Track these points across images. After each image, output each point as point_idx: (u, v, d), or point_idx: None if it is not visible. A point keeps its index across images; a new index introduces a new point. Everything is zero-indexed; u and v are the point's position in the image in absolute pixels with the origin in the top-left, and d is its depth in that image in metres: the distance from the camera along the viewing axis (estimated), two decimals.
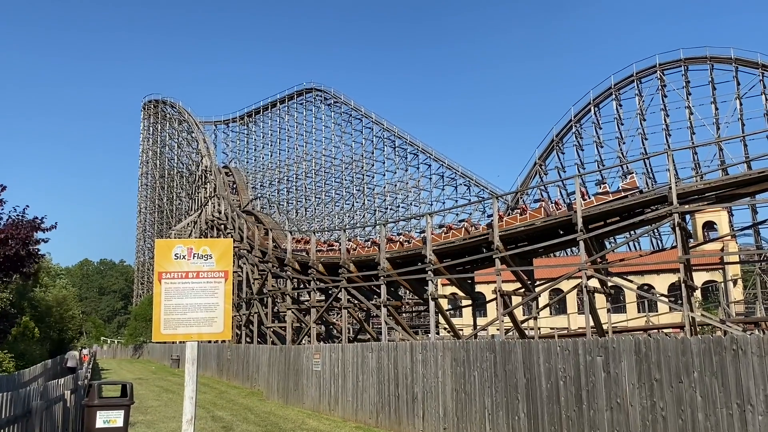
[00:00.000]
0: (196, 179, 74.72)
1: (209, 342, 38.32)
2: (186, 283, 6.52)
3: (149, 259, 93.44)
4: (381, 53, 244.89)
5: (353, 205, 76.31)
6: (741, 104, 52.52)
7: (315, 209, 78.93)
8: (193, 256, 6.60)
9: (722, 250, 39.44)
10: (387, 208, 73.31)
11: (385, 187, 74.24)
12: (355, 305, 33.07)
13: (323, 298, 37.82)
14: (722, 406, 7.93)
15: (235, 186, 67.33)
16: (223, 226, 51.80)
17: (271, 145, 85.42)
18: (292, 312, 36.65)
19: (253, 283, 42.28)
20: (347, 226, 65.55)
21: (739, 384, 7.77)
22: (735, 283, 44.79)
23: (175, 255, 6.57)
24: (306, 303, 37.50)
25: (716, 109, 53.75)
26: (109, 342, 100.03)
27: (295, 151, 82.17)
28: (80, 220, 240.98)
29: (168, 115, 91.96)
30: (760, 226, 45.98)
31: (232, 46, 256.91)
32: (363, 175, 75.98)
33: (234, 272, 44.86)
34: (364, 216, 74.35)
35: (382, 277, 28.62)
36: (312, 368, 19.17)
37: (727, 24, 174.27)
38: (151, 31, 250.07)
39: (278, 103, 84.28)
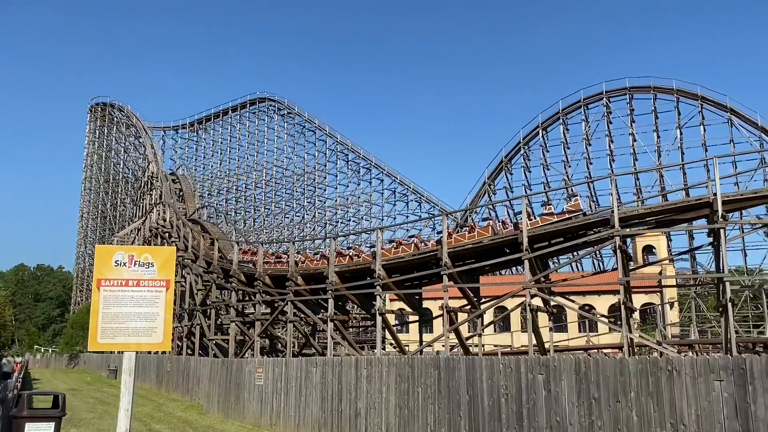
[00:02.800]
0: (142, 185, 72.98)
1: (149, 353, 37.25)
2: (126, 291, 6.34)
3: (89, 266, 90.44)
4: (337, 67, 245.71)
5: (303, 218, 75.83)
6: (681, 133, 54.67)
7: (264, 220, 78.05)
8: (135, 264, 6.43)
9: (660, 273, 40.78)
10: (338, 222, 73.13)
11: (336, 201, 74.11)
12: (302, 319, 32.74)
13: (269, 311, 37.29)
14: (657, 425, 8.15)
15: (181, 194, 66.01)
16: (167, 234, 50.62)
17: (221, 154, 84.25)
18: (236, 324, 36.00)
19: (197, 294, 41.38)
20: (296, 239, 65.07)
21: (673, 404, 8.01)
22: (671, 306, 46.41)
23: (116, 262, 6.39)
24: (251, 315, 36.90)
25: (658, 137, 55.80)
26: (42, 351, 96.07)
27: (245, 161, 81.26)
28: (17, 223, 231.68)
29: (115, 119, 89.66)
30: (696, 252, 47.76)
31: (184, 52, 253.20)
32: (315, 187, 75.68)
33: (177, 282, 43.85)
34: (314, 229, 73.93)
35: (330, 291, 28.44)
36: (254, 382, 18.84)
37: (670, 54, 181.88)
38: (100, 33, 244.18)
39: (230, 111, 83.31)
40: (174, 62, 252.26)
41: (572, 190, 30.07)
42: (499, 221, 26.72)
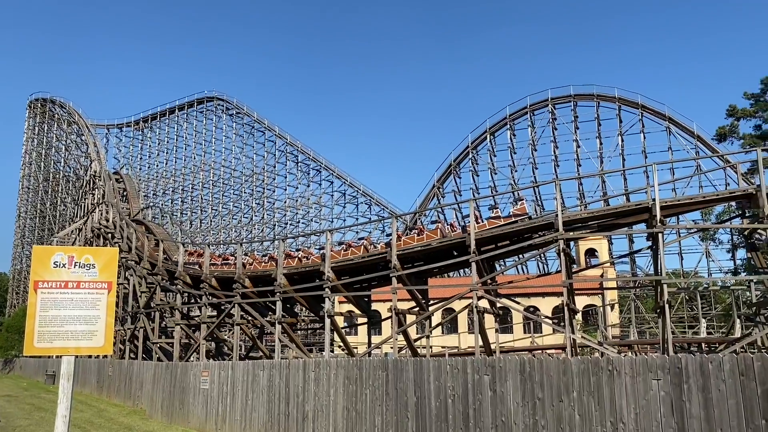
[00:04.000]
0: (84, 184, 70.62)
1: (89, 357, 36.09)
2: (65, 294, 6.13)
3: (27, 267, 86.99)
4: (288, 67, 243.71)
5: (252, 219, 74.85)
6: (622, 140, 56.41)
7: (211, 221, 76.70)
8: (75, 265, 6.23)
9: (602, 276, 42.00)
10: (287, 224, 72.50)
11: (285, 202, 73.45)
12: (249, 322, 32.33)
13: (215, 313, 36.69)
14: (598, 424, 8.38)
15: (125, 193, 64.26)
16: (110, 234, 49.20)
17: (167, 153, 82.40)
18: (181, 327, 35.27)
19: (140, 297, 40.35)
20: (244, 240, 64.20)
21: (614, 403, 8.25)
22: (612, 307, 47.81)
23: (54, 263, 6.17)
24: (196, 318, 36.22)
25: (600, 143, 57.42)
26: None
27: (192, 161, 79.68)
28: None
29: (56, 116, 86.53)
30: (636, 255, 49.36)
31: (129, 48, 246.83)
32: (263, 188, 74.85)
33: (120, 284, 42.67)
34: (262, 230, 73.11)
35: (278, 293, 28.19)
36: (199, 386, 18.49)
37: (614, 63, 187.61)
38: (42, 27, 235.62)
39: (177, 110, 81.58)
40: (119, 59, 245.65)
41: (518, 194, 30.74)
42: (447, 224, 27.01)
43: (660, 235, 20.67)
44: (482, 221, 24.17)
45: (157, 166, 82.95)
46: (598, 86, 58.10)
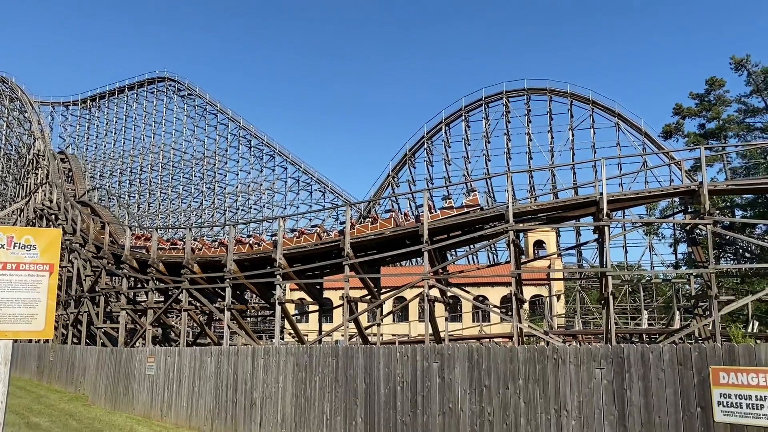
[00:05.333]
0: (27, 164, 67.90)
1: (29, 341, 34.95)
2: (3, 275, 5.90)
3: None
4: (243, 51, 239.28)
5: (202, 204, 73.50)
6: (573, 135, 57.59)
7: (159, 205, 74.97)
8: (14, 246, 5.99)
9: (549, 267, 42.89)
10: (238, 209, 71.50)
11: (237, 187, 72.35)
12: (197, 308, 31.81)
13: (162, 299, 35.95)
14: (542, 411, 8.58)
15: (71, 174, 62.18)
16: (53, 216, 47.58)
17: (115, 134, 79.97)
18: (127, 312, 34.44)
19: (85, 280, 39.21)
20: (194, 225, 63.06)
21: (558, 391, 8.46)
22: (558, 298, 48.95)
23: None
24: (143, 303, 35.43)
25: (552, 137, 58.48)
26: None
27: (141, 142, 77.58)
28: None
29: None
30: (582, 247, 50.57)
31: (77, 24, 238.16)
32: (215, 173, 73.54)
33: (63, 267, 41.37)
34: (213, 215, 71.92)
35: (228, 280, 27.81)
36: (145, 372, 18.15)
37: (569, 58, 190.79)
38: None
39: (126, 90, 79.21)
40: (66, 34, 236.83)
41: (471, 186, 31.06)
42: (401, 213, 27.11)
43: (606, 228, 21.24)
44: (435, 211, 24.33)
45: (105, 146, 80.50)
46: (551, 81, 59.15)
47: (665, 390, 7.38)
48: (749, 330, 28.12)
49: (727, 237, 30.10)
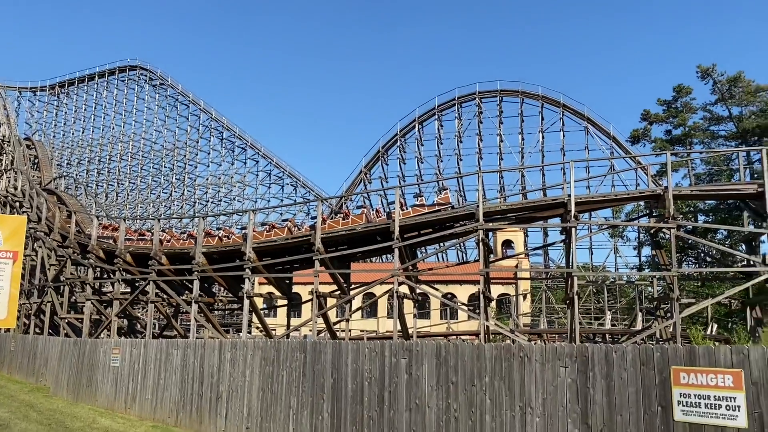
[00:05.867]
0: None
1: None
2: None
3: None
4: (217, 43, 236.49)
5: (171, 195, 72.46)
6: (543, 137, 58.22)
7: (128, 195, 73.73)
8: None
9: (516, 266, 43.39)
10: (208, 202, 70.67)
11: (207, 179, 71.48)
12: (164, 300, 31.45)
13: (128, 290, 35.47)
14: (507, 408, 8.70)
15: (37, 161, 60.86)
16: (18, 203, 46.53)
17: (83, 121, 78.26)
18: (92, 303, 33.90)
19: (49, 269, 38.44)
20: (163, 216, 62.22)
21: (523, 388, 8.60)
22: (525, 297, 49.54)
23: None
24: (109, 294, 34.90)
25: (522, 139, 58.98)
26: None
27: (110, 131, 76.05)
28: None
29: None
30: (549, 248, 51.26)
31: (47, 7, 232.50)
32: (185, 164, 72.55)
33: (27, 255, 40.45)
34: (182, 207, 70.98)
35: (196, 272, 27.56)
36: (109, 364, 17.91)
37: (540, 60, 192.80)
38: None
39: (96, 77, 77.54)
40: (36, 18, 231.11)
41: (443, 184, 31.18)
42: (373, 210, 27.17)
43: (573, 229, 21.60)
44: (407, 208, 24.46)
45: (73, 134, 78.77)
46: (524, 83, 59.66)
47: (627, 389, 7.57)
48: (708, 332, 28.86)
49: (690, 241, 30.80)
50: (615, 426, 7.57)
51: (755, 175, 30.99)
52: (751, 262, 21.26)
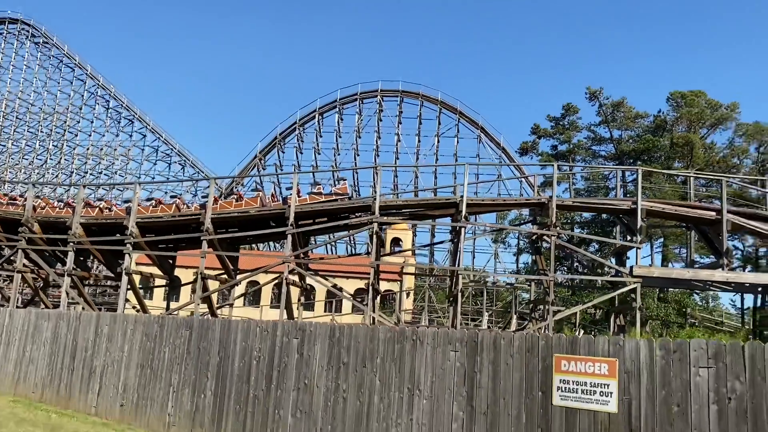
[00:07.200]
0: None
1: None
2: None
3: None
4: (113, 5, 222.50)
5: (46, 162, 67.51)
6: (439, 141, 59.96)
7: None
8: None
9: (404, 262, 44.29)
10: (87, 173, 66.45)
11: (88, 149, 67.21)
12: (33, 271, 29.25)
13: None
14: (396, 389, 8.87)
15: None
16: None
17: None
18: None
19: None
20: (38, 182, 57.86)
21: (413, 371, 8.79)
22: (408, 294, 50.74)
23: None
24: None
25: (419, 141, 60.46)
26: None
27: None
28: None
29: None
30: (435, 248, 52.83)
31: None
32: (64, 131, 67.85)
33: None
34: (57, 177, 66.32)
35: (72, 243, 25.87)
36: None
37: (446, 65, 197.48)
38: None
39: None
40: None
41: (338, 176, 31.33)
42: (268, 195, 26.76)
43: (463, 229, 22.40)
44: (303, 195, 24.30)
45: None
46: (425, 87, 61.16)
47: (512, 374, 7.95)
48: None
49: (567, 251, 32.84)
50: (498, 409, 7.92)
51: (629, 194, 33.50)
52: (620, 274, 22.98)
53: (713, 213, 22.30)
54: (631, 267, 21.92)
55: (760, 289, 23.86)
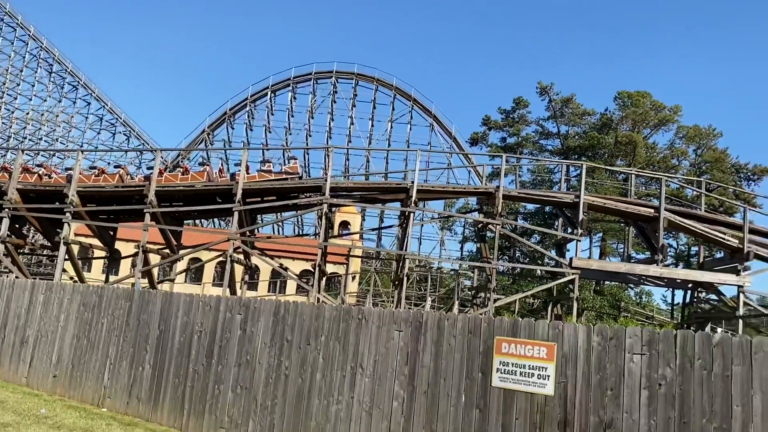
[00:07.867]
0: None
1: None
2: None
3: None
4: None
5: None
6: (392, 127, 60.01)
7: None
8: None
9: (352, 244, 44.36)
10: (25, 138, 63.71)
11: (28, 114, 64.42)
12: None
13: None
14: (339, 368, 8.91)
15: None
16: None
17: None
18: None
19: None
20: None
21: (357, 349, 8.85)
22: (354, 277, 50.90)
23: None
24: None
25: (372, 125, 60.34)
26: None
27: None
28: None
29: None
30: (382, 232, 53.05)
31: None
32: (3, 93, 64.77)
33: None
34: None
35: (6, 210, 24.84)
36: None
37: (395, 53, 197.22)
38: None
39: None
40: None
41: (289, 154, 30.93)
42: (216, 170, 26.27)
43: (412, 214, 22.57)
44: (252, 173, 23.97)
45: None
46: (380, 71, 60.94)
47: (454, 355, 8.09)
48: None
49: (511, 240, 33.51)
50: (438, 389, 8.06)
51: (572, 188, 34.35)
52: (560, 264, 23.62)
53: (652, 210, 23.13)
54: (571, 258, 22.55)
55: (690, 285, 24.98)
